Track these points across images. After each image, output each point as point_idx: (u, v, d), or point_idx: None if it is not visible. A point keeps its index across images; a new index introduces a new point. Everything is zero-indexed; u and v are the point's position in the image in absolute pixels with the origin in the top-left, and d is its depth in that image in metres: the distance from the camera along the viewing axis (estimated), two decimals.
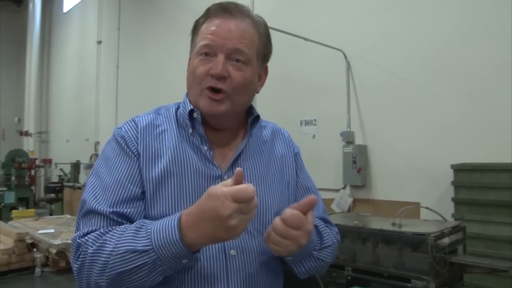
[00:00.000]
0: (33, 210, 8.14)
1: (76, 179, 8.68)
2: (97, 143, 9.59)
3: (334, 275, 2.39)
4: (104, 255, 1.00)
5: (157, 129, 1.20)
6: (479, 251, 3.21)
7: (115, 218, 1.08)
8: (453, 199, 3.54)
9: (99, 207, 1.08)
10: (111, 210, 1.08)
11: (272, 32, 4.33)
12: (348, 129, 4.77)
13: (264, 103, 5.12)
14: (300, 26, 5.00)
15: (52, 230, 5.84)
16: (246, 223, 0.95)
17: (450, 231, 2.26)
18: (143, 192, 1.12)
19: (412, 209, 3.16)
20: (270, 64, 1.32)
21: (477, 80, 3.88)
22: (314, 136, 5.15)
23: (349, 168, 4.57)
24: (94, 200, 1.10)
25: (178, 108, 1.27)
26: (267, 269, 1.19)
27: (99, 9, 9.94)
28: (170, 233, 0.97)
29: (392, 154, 4.45)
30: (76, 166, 8.82)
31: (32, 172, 10.29)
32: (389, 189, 4.44)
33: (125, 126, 1.21)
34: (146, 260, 0.98)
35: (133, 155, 1.15)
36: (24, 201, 9.19)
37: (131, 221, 1.09)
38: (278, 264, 1.24)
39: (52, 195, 9.02)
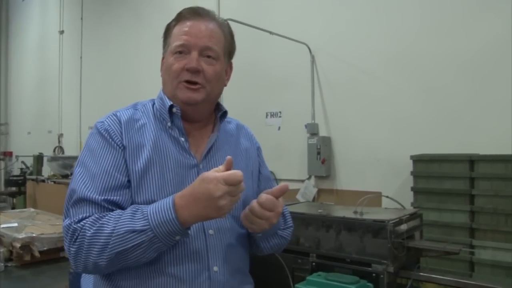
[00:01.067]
0: None
1: (39, 172, 8.47)
2: (60, 135, 9.38)
3: (300, 262, 2.48)
4: (103, 237, 1.12)
5: (137, 123, 1.32)
6: (436, 237, 3.38)
7: (106, 205, 1.20)
8: (412, 188, 3.69)
9: (91, 195, 1.19)
10: (102, 197, 1.19)
11: (237, 25, 4.45)
12: (313, 121, 4.88)
13: (231, 95, 5.16)
14: (265, 20, 5.06)
15: (16, 224, 5.76)
16: (233, 204, 1.11)
17: (407, 218, 2.38)
18: (129, 181, 1.23)
19: (375, 198, 3.29)
20: (236, 57, 1.47)
21: (435, 75, 4.05)
22: (279, 128, 5.25)
23: (313, 159, 4.68)
24: (85, 189, 1.20)
25: (154, 104, 1.41)
26: (239, 245, 1.37)
27: None
28: (166, 213, 1.12)
29: (355, 146, 4.59)
30: (39, 159, 8.60)
31: None
32: (352, 179, 4.58)
33: (107, 120, 1.31)
34: (144, 239, 1.11)
35: (117, 147, 1.26)
36: None
37: (120, 207, 1.20)
38: (246, 241, 1.43)
39: (14, 189, 8.79)
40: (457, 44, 3.93)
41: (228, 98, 5.17)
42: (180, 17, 1.35)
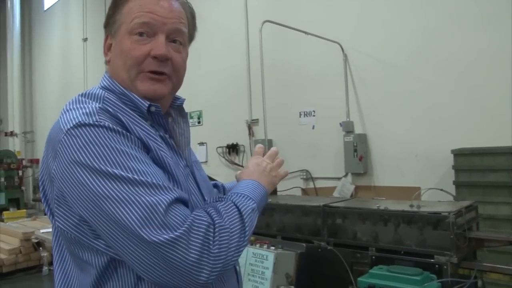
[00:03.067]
0: (24, 211, 8.09)
1: None
2: None
3: (358, 256, 2.51)
4: (237, 221, 1.02)
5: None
6: (483, 229, 3.39)
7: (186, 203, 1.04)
8: (454, 182, 3.71)
9: (182, 194, 1.00)
10: (186, 196, 1.04)
11: (270, 25, 4.50)
12: (348, 119, 4.91)
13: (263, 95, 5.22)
14: (296, 19, 5.10)
15: None
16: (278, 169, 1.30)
17: (465, 210, 2.40)
18: None
19: (412, 193, 3.31)
20: (268, 57, 1.44)
21: (468, 68, 4.07)
22: (313, 127, 5.28)
23: (350, 157, 4.72)
24: (173, 188, 0.98)
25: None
26: None
27: (83, 6, 9.80)
28: (259, 190, 1.16)
29: (391, 142, 4.61)
30: None
31: (20, 172, 10.19)
32: (390, 175, 4.61)
33: (102, 116, 1.00)
34: (256, 216, 1.11)
35: (140, 144, 1.02)
36: (15, 202, 9.11)
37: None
38: None
39: None
40: (488, 36, 3.94)
41: (260, 99, 5.22)
42: None
